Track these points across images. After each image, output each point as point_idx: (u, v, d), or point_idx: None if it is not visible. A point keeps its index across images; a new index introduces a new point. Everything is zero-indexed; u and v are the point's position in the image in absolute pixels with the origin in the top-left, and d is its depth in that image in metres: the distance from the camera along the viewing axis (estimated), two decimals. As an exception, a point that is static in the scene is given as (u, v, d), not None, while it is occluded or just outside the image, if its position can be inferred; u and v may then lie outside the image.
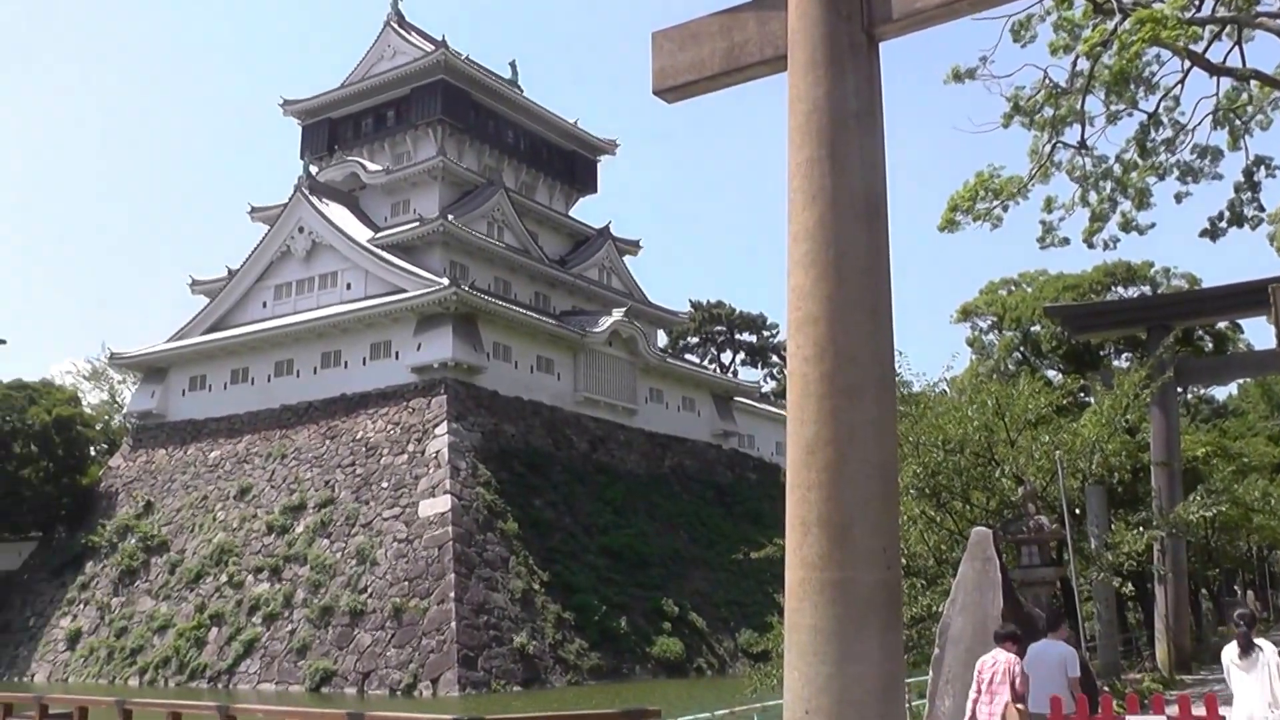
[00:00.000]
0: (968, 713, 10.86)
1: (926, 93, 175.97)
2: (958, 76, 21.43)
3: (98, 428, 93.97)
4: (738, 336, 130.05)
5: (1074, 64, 20.92)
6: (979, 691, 11.07)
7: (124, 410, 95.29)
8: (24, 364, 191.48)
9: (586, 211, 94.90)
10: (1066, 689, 11.33)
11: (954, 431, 24.32)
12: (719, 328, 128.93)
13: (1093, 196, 22.56)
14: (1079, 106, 21.13)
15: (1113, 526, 26.94)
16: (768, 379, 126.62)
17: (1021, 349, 62.41)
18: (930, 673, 9.85)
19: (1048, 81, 21.29)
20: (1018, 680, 10.80)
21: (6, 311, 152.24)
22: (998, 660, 11.17)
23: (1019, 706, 10.69)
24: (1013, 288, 65.28)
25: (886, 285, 5.70)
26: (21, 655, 69.51)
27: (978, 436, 24.47)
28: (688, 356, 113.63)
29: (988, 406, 25.04)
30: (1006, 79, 20.83)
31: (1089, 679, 12.96)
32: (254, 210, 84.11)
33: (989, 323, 65.82)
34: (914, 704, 17.51)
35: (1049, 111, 21.44)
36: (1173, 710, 10.94)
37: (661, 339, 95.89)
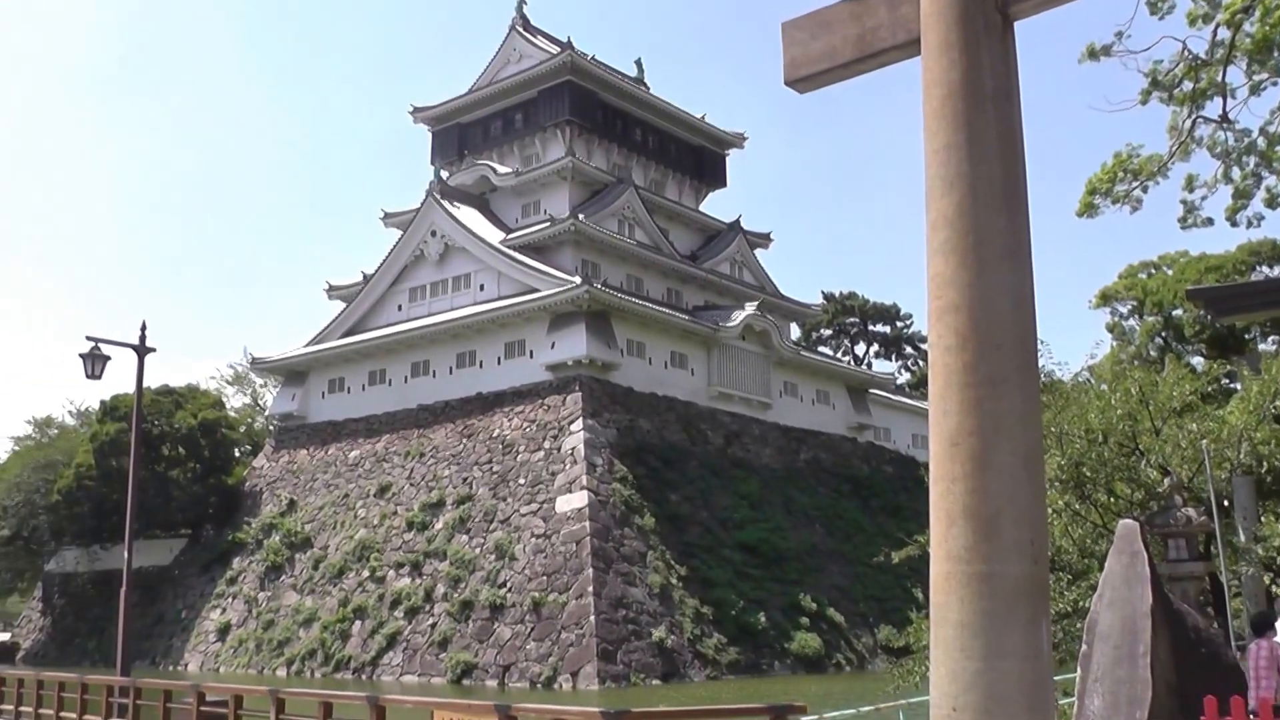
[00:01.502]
0: (1252, 701, 11.12)
1: (1061, 73, 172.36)
2: (1093, 54, 20.79)
3: (241, 430, 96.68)
4: (871, 328, 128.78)
5: (1214, 33, 20.19)
6: (1254, 679, 11.62)
7: (266, 413, 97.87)
8: (171, 371, 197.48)
9: (716, 206, 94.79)
10: None
11: (1097, 421, 23.71)
12: (852, 319, 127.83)
13: (1235, 172, 21.74)
14: (1220, 78, 20.38)
15: (1262, 519, 26.05)
16: (902, 370, 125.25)
17: (1163, 334, 60.89)
18: (1078, 670, 9.59)
19: (1186, 53, 20.56)
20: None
21: (154, 321, 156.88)
22: (1260, 647, 11.50)
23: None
24: (1153, 271, 63.69)
25: (1028, 271, 5.56)
26: (175, 646, 72.00)
27: (1121, 426, 23.80)
28: (821, 349, 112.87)
29: (1131, 394, 24.33)
30: (1144, 53, 20.12)
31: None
32: (387, 216, 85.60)
33: (1129, 307, 64.31)
34: (1060, 703, 17.15)
35: (1188, 85, 20.70)
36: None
37: (794, 332, 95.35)
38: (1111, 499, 24.41)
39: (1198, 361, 54.96)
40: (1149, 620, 9.47)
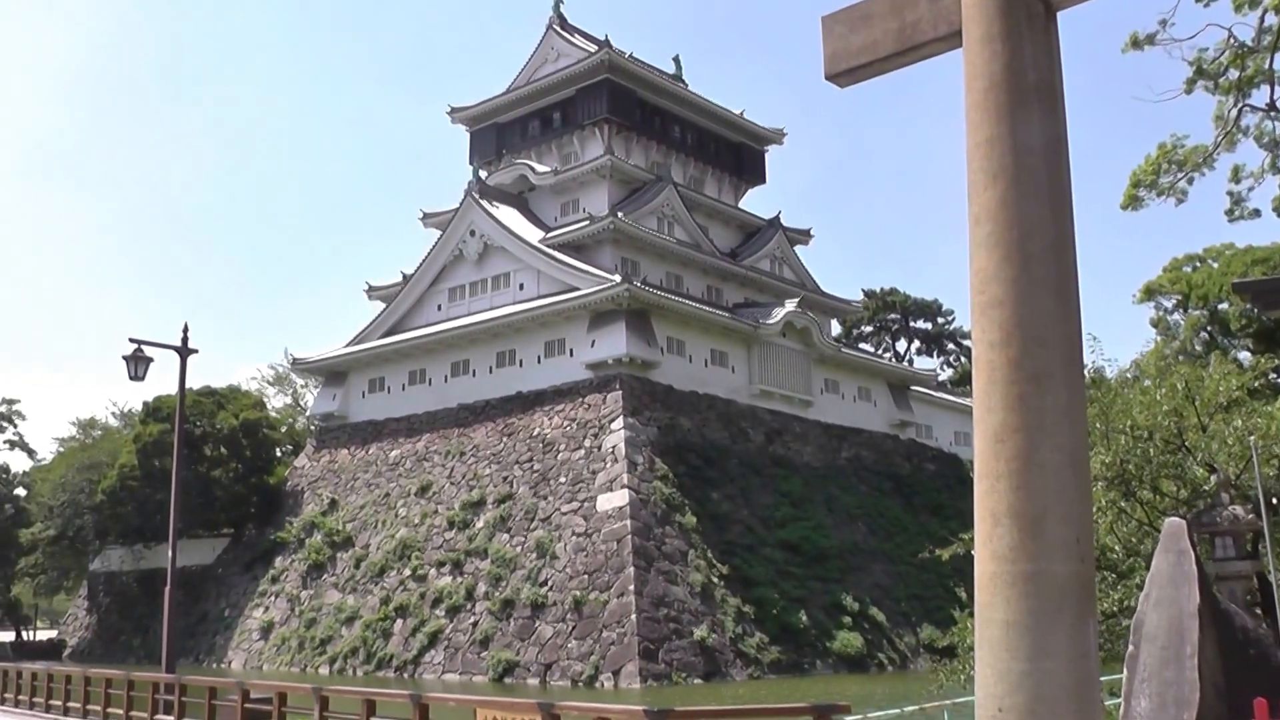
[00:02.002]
0: None
1: (1104, 63, 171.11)
2: (1136, 43, 20.55)
3: (283, 430, 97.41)
4: (912, 324, 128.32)
5: (1260, 20, 19.93)
6: None
7: (307, 413, 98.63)
8: (213, 371, 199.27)
9: (755, 202, 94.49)
10: None
11: (1142, 418, 23.46)
12: (893, 315, 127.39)
13: (1283, 162, 21.50)
14: (1267, 66, 20.10)
15: (1312, 518, 25.65)
16: (944, 367, 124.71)
17: (1209, 328, 60.27)
18: (1125, 671, 9.47)
19: (1232, 40, 20.28)
20: None
21: (195, 322, 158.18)
22: None
23: None
24: (1198, 264, 63.03)
25: (1073, 266, 5.48)
26: (218, 644, 72.70)
27: (1167, 422, 23.52)
28: (862, 346, 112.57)
29: (1177, 390, 24.06)
30: (1188, 41, 19.87)
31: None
32: (426, 216, 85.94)
33: (1174, 302, 63.71)
34: (1106, 704, 16.95)
35: (1234, 73, 20.44)
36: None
37: (835, 328, 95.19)
38: (1157, 497, 24.15)
39: (1244, 356, 54.34)
40: (1196, 620, 9.36)
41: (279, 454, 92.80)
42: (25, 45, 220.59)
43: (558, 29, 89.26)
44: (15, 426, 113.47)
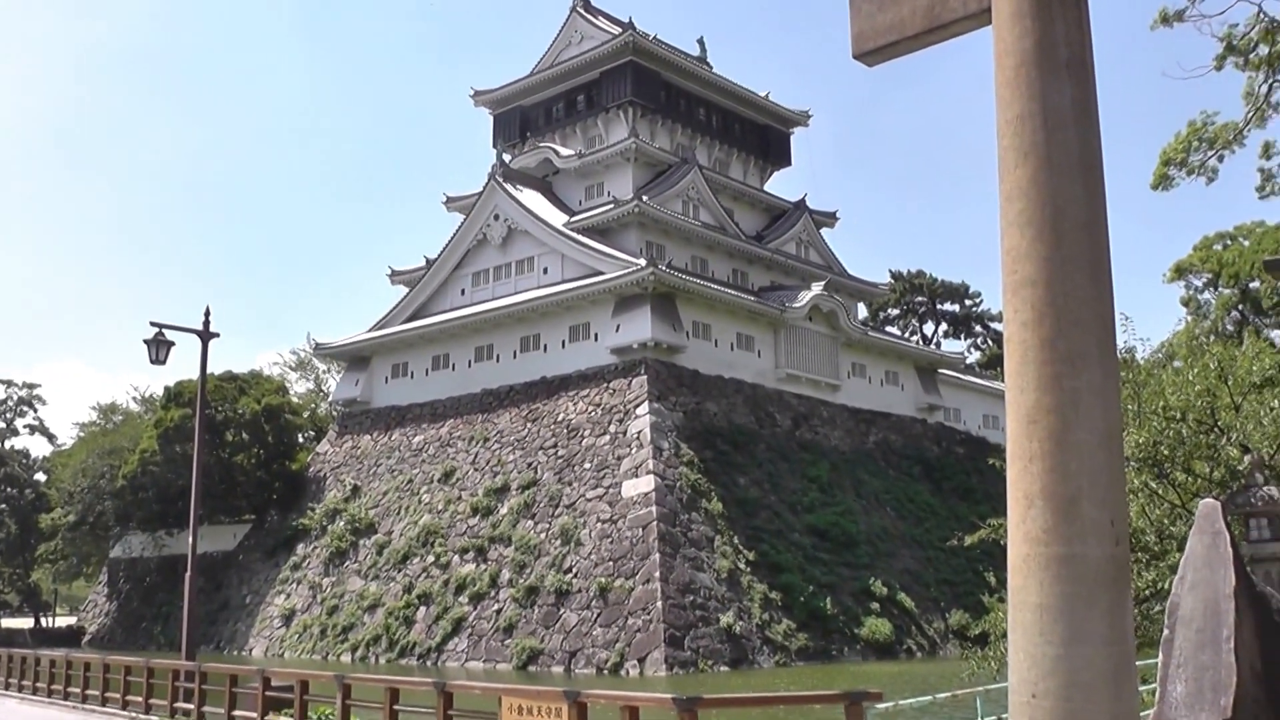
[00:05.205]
0: None
1: (1134, 40, 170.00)
2: (1166, 19, 20.39)
3: (305, 416, 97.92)
4: (940, 306, 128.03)
5: (1291, -6, 19.80)
6: None
7: (329, 398, 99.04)
8: (234, 357, 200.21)
9: (781, 185, 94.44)
10: None
11: (1174, 398, 23.36)
12: (920, 298, 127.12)
13: (1314, 138, 21.30)
14: None
15: (1346, 496, 25.46)
16: (972, 349, 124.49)
17: (1240, 307, 59.94)
18: (1160, 656, 9.39)
19: (1263, 16, 20.12)
20: None
21: (217, 306, 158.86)
22: None
23: None
24: (1229, 242, 62.68)
25: (1105, 244, 5.46)
26: (240, 630, 73.11)
27: (1199, 403, 23.42)
28: (889, 329, 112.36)
29: (1209, 370, 23.94)
30: (1218, 17, 19.71)
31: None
32: (449, 200, 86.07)
33: (1204, 280, 63.39)
34: (1140, 689, 16.84)
35: (1264, 49, 20.28)
36: None
37: (861, 311, 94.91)
38: (1190, 478, 24.05)
39: (1277, 335, 54.06)
40: (1233, 603, 9.28)
41: (301, 440, 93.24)
42: (53, 28, 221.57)
43: (581, 11, 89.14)
44: (36, 411, 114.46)
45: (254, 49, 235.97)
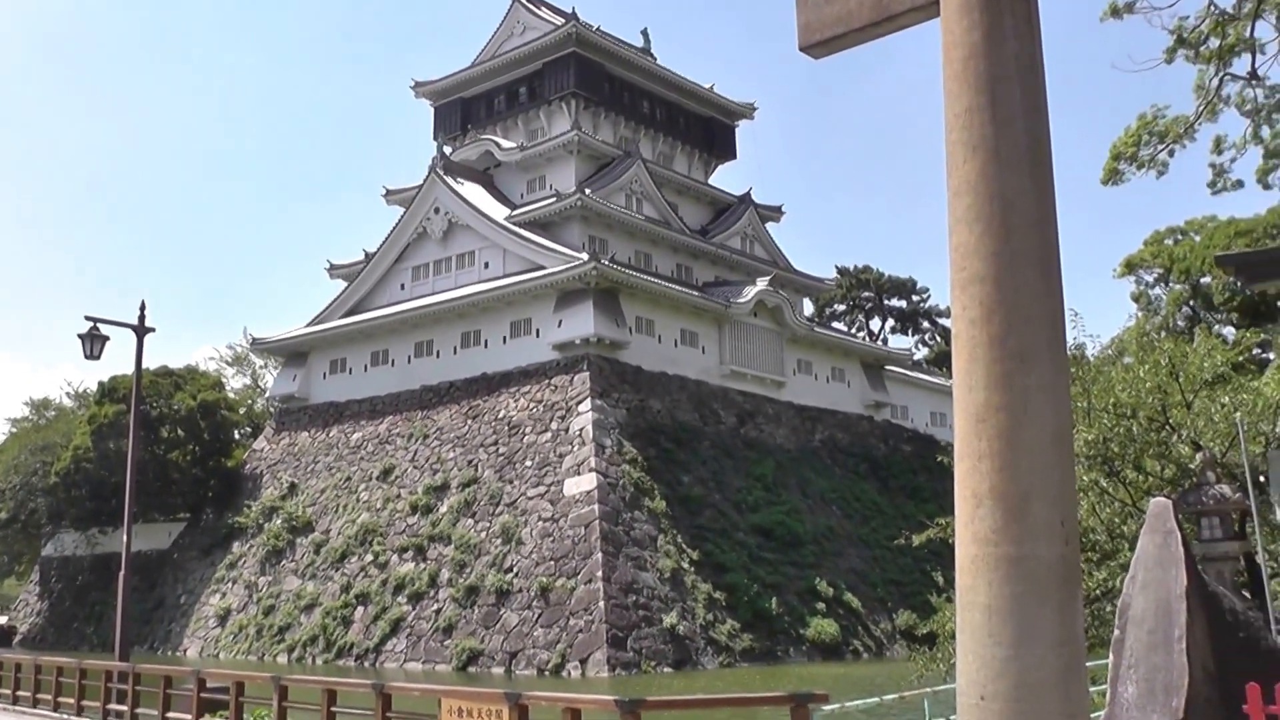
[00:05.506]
0: None
1: (1082, 32, 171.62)
2: (1115, 11, 20.50)
3: (241, 412, 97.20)
4: (887, 302, 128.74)
5: (1241, -14, 19.97)
6: None
7: (266, 394, 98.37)
8: (170, 352, 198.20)
9: (726, 179, 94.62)
10: None
11: (1125, 395, 23.51)
12: (866, 293, 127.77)
13: (1266, 131, 21.47)
14: (1248, 33, 20.10)
15: (1300, 495, 25.74)
16: (920, 345, 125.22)
17: (1191, 303, 60.60)
18: (1110, 656, 9.46)
19: (1213, 8, 20.29)
20: None
21: (153, 300, 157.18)
22: None
23: None
24: (1180, 237, 63.33)
25: (1055, 239, 5.46)
26: (174, 631, 72.58)
27: (1150, 400, 23.59)
28: (835, 325, 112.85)
29: (1161, 366, 24.10)
30: (1168, 9, 19.85)
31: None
32: (389, 193, 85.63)
33: (1155, 276, 64.05)
34: (1091, 690, 16.90)
35: (1215, 42, 20.44)
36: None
37: (808, 307, 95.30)
38: (1141, 476, 24.22)
39: (1229, 331, 54.65)
40: (1184, 603, 9.36)
41: (237, 436, 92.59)
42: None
43: (524, 1, 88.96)
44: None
45: (183, 36, 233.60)
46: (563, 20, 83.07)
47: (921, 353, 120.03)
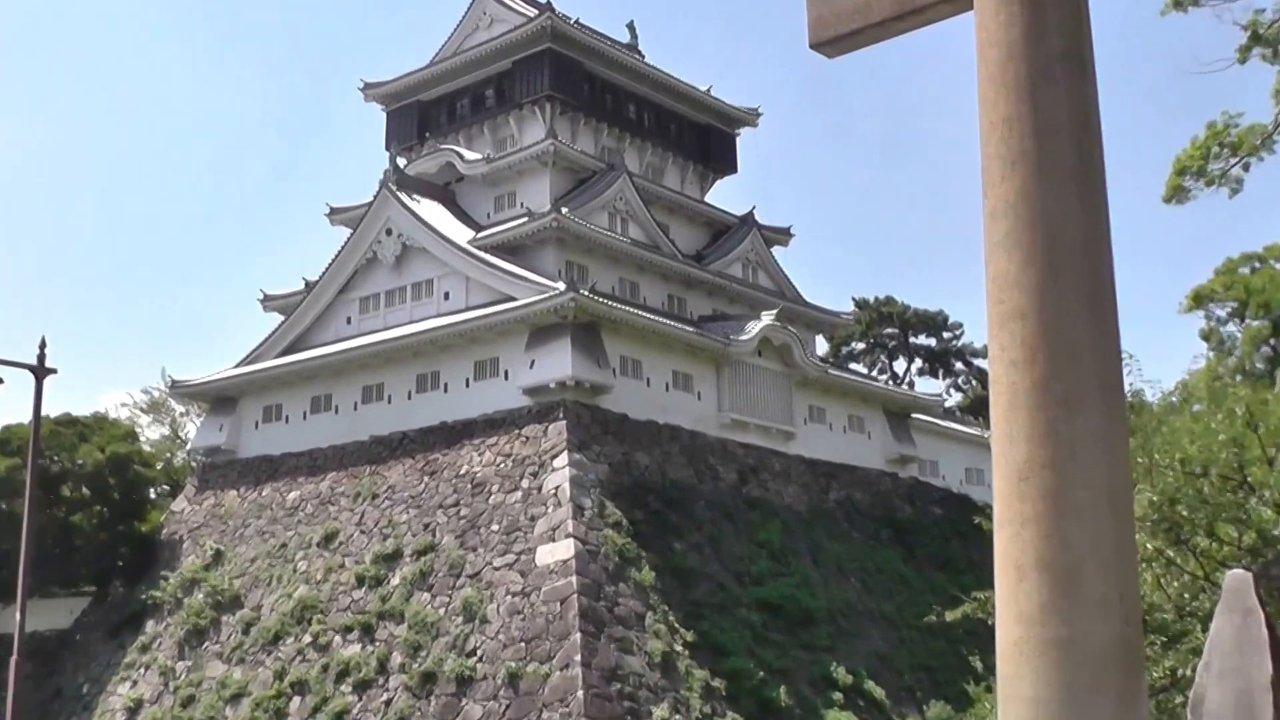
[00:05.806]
0: None
1: (1142, 28, 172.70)
2: (1179, 4, 20.66)
3: (158, 467, 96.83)
4: (913, 340, 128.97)
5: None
6: None
7: (188, 446, 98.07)
8: (74, 396, 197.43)
9: (725, 195, 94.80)
10: None
11: (1194, 450, 23.47)
12: (889, 330, 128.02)
13: (1356, 144, 21.66)
14: None
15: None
16: (952, 390, 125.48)
17: (1271, 342, 60.70)
18: (1181, 758, 9.48)
19: (1295, 1, 20.47)
20: None
21: (54, 337, 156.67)
22: None
23: None
24: (1258, 265, 63.48)
25: (1108, 268, 5.49)
26: (76, 727, 71.95)
27: (1224, 455, 23.52)
28: (853, 366, 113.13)
29: (1235, 416, 24.06)
30: (1240, 2, 20.02)
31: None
32: (333, 211, 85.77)
33: (1228, 310, 64.18)
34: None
35: (1296, 40, 20.61)
36: None
37: (821, 346, 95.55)
38: (1214, 544, 24.13)
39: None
40: (1270, 695, 9.33)
41: (154, 495, 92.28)
42: None
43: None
44: None
45: (96, 35, 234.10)
46: (536, 11, 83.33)
47: (954, 399, 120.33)
